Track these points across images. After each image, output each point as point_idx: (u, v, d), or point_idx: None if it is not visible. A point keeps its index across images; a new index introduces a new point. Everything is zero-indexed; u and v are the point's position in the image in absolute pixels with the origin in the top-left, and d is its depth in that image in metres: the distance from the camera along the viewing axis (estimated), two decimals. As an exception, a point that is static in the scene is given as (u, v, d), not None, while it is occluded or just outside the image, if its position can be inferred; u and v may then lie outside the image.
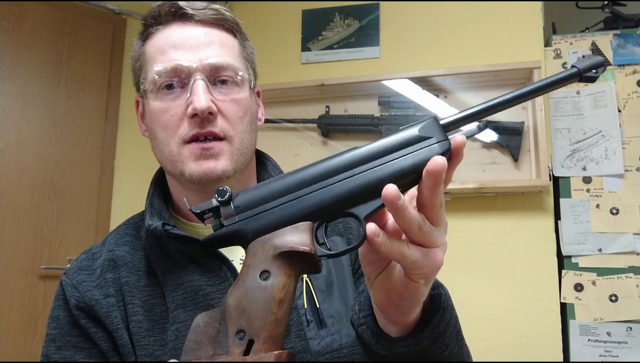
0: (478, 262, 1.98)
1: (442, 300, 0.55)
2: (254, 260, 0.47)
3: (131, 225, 0.80)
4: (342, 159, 0.48)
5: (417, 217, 0.44)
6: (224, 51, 0.72)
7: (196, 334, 0.46)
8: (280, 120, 2.25)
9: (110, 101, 2.40)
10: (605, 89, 1.97)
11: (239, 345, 0.44)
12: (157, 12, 0.73)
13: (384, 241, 0.44)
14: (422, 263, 0.46)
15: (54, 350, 0.70)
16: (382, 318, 0.54)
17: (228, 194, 0.50)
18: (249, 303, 0.45)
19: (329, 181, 0.47)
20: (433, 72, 2.08)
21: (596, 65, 0.48)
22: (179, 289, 0.69)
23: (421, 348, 0.53)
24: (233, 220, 0.49)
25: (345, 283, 0.75)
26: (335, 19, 2.32)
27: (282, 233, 0.47)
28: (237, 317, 0.45)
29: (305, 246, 0.46)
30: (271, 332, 0.44)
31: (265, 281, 0.46)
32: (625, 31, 2.02)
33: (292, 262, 0.46)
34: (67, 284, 0.73)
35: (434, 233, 0.46)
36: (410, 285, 0.48)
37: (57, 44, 2.26)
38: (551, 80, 0.48)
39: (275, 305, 0.45)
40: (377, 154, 0.47)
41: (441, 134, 0.46)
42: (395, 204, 0.43)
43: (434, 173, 0.43)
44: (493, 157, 2.04)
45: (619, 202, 1.89)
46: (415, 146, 0.46)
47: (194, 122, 0.68)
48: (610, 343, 1.82)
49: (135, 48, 0.76)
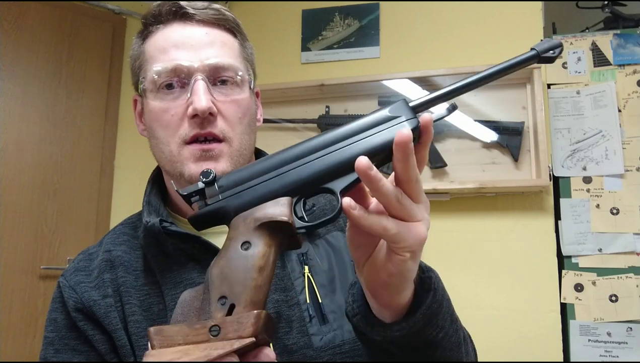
0: (478, 262, 1.98)
1: (432, 282, 0.56)
2: (236, 233, 0.49)
3: (128, 224, 0.80)
4: (319, 140, 0.51)
5: (393, 189, 0.47)
6: (225, 51, 0.72)
7: (182, 308, 0.48)
8: (280, 120, 2.25)
9: (110, 101, 2.40)
10: (605, 89, 1.97)
11: (221, 309, 0.46)
12: (157, 11, 0.73)
13: (361, 214, 0.46)
14: (405, 236, 0.47)
15: (52, 353, 0.70)
16: (374, 303, 0.54)
17: (212, 175, 0.53)
18: (231, 271, 0.47)
19: (306, 159, 0.51)
20: (433, 72, 2.08)
21: (553, 47, 0.51)
22: (179, 287, 0.69)
23: (416, 330, 0.53)
24: (217, 199, 0.52)
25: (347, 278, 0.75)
26: (335, 19, 2.32)
27: (262, 207, 0.50)
28: (219, 284, 0.47)
29: (283, 216, 0.49)
30: (252, 296, 0.46)
31: (246, 251, 0.48)
32: (625, 31, 2.02)
33: (271, 232, 0.49)
34: (64, 286, 0.72)
35: (414, 207, 0.48)
36: (396, 260, 0.48)
37: (57, 44, 2.26)
38: (513, 61, 0.52)
39: (256, 272, 0.47)
40: (351, 133, 0.50)
41: (410, 113, 0.50)
42: (368, 174, 0.45)
43: (402, 144, 0.45)
44: (493, 157, 2.04)
45: (619, 202, 1.89)
46: (386, 124, 0.50)
47: (194, 123, 0.68)
48: (610, 344, 1.82)
49: (134, 47, 0.76)
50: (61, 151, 2.23)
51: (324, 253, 0.76)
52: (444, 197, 2.02)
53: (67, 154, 2.24)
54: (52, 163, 2.20)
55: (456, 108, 0.52)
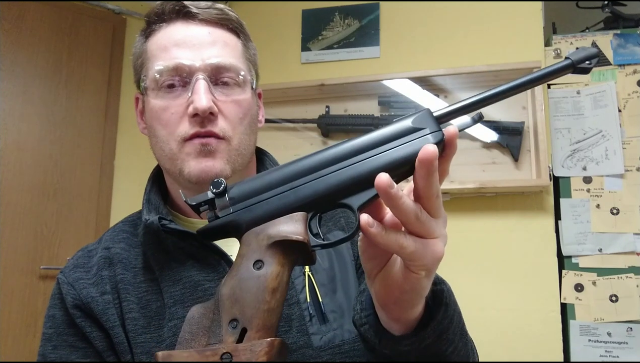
0: (478, 262, 1.98)
1: (444, 296, 0.54)
2: (248, 250, 0.47)
3: (128, 222, 0.80)
4: (337, 151, 0.48)
5: (412, 206, 0.44)
6: (227, 51, 0.72)
7: (190, 325, 0.47)
8: (280, 120, 2.24)
9: (110, 101, 2.40)
10: (605, 89, 1.97)
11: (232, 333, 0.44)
12: (160, 9, 0.73)
13: (378, 231, 0.44)
14: (421, 254, 0.45)
15: (50, 349, 0.70)
16: (384, 316, 0.53)
17: (223, 186, 0.50)
18: (242, 293, 0.45)
19: (323, 172, 0.48)
20: (433, 72, 2.08)
21: (590, 57, 0.48)
22: (178, 285, 0.69)
23: (425, 345, 0.52)
24: (227, 211, 0.49)
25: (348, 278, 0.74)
26: (335, 19, 2.32)
27: (275, 223, 0.47)
28: (230, 306, 0.45)
29: (298, 235, 0.46)
30: (264, 320, 0.44)
31: (258, 270, 0.46)
32: (625, 31, 2.02)
33: (285, 251, 0.47)
34: (63, 282, 0.72)
35: (432, 224, 0.46)
36: (411, 277, 0.47)
37: (57, 44, 2.26)
38: (546, 71, 0.48)
39: (269, 294, 0.45)
40: (371, 145, 0.47)
41: (434, 125, 0.47)
42: (388, 192, 0.43)
43: (426, 161, 0.43)
44: (493, 157, 2.04)
45: (619, 202, 1.89)
46: (409, 137, 0.47)
47: (195, 121, 0.68)
48: (610, 344, 1.82)
49: (137, 45, 0.76)
50: (61, 151, 2.23)
51: (324, 252, 0.75)
52: (444, 197, 2.01)
53: (67, 154, 2.24)
54: (52, 163, 2.20)
55: (482, 118, 0.48)
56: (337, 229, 0.78)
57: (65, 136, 2.25)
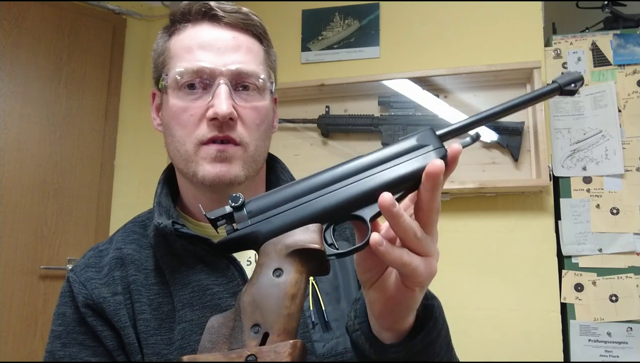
0: (478, 262, 1.98)
1: (434, 310, 0.57)
2: (267, 259, 0.50)
3: (138, 223, 0.80)
4: (348, 167, 0.52)
5: (413, 225, 0.47)
6: (250, 57, 0.72)
7: (210, 335, 0.48)
8: (280, 120, 2.24)
9: (110, 101, 2.40)
10: (605, 89, 1.97)
11: (254, 338, 0.46)
12: (187, 9, 0.73)
13: (387, 250, 0.46)
14: (421, 271, 0.48)
15: (59, 346, 0.70)
16: (376, 325, 0.55)
17: (241, 200, 0.52)
18: (263, 299, 0.48)
19: (335, 186, 0.51)
20: (433, 72, 2.08)
21: (575, 80, 0.53)
22: (187, 288, 0.69)
23: (412, 354, 0.54)
24: (246, 224, 0.52)
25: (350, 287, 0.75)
26: (335, 19, 2.32)
27: (292, 234, 0.50)
28: (251, 312, 0.47)
29: (315, 244, 0.49)
30: (285, 325, 0.46)
31: (278, 278, 0.48)
32: (625, 31, 2.02)
33: (303, 260, 0.49)
34: (74, 281, 0.72)
35: (428, 242, 0.49)
36: (406, 293, 0.50)
37: (57, 44, 2.27)
38: (536, 93, 0.53)
39: (289, 300, 0.47)
40: (379, 161, 0.51)
41: (437, 142, 0.51)
42: (390, 211, 0.46)
43: (433, 175, 0.46)
44: (493, 157, 2.04)
45: (619, 202, 1.89)
46: (414, 153, 0.51)
47: (213, 125, 0.68)
48: (610, 344, 1.82)
49: (159, 41, 0.76)
50: (61, 151, 2.23)
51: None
52: (444, 197, 2.02)
53: (67, 154, 2.24)
54: (52, 163, 2.20)
55: (480, 137, 0.53)
56: (342, 240, 0.79)
57: (65, 136, 2.25)
